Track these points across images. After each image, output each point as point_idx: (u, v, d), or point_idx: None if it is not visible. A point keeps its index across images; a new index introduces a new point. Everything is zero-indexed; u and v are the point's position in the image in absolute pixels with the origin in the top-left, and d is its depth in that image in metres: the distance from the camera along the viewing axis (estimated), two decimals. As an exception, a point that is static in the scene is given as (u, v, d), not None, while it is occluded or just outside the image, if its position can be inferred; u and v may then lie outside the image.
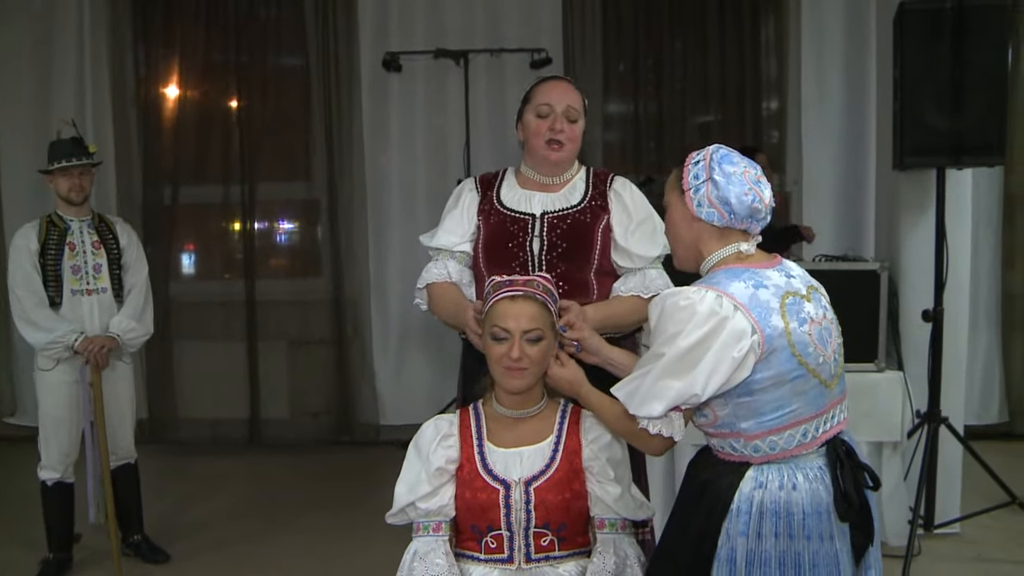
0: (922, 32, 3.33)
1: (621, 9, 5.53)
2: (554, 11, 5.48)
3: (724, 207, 1.71)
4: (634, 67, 5.58)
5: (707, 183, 1.72)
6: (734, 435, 1.68)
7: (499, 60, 5.39)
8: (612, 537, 1.91)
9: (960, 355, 3.83)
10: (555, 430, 1.95)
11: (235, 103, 5.53)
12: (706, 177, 1.73)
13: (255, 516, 4.26)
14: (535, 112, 2.31)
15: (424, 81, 5.47)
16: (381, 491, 4.60)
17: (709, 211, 1.73)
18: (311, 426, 5.54)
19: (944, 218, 3.49)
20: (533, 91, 2.36)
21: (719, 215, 1.72)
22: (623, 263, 2.34)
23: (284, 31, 5.54)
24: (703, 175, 1.74)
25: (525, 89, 2.42)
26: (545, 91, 2.32)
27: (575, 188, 2.38)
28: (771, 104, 5.67)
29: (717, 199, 1.71)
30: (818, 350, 1.67)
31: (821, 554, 1.63)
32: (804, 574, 1.62)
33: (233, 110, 5.55)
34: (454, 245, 2.38)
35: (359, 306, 5.50)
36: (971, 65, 3.30)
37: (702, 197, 1.73)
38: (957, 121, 3.32)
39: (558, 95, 2.31)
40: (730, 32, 5.52)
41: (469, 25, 5.45)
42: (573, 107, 2.31)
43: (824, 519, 1.64)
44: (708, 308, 1.61)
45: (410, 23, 5.44)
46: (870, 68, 5.21)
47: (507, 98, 5.51)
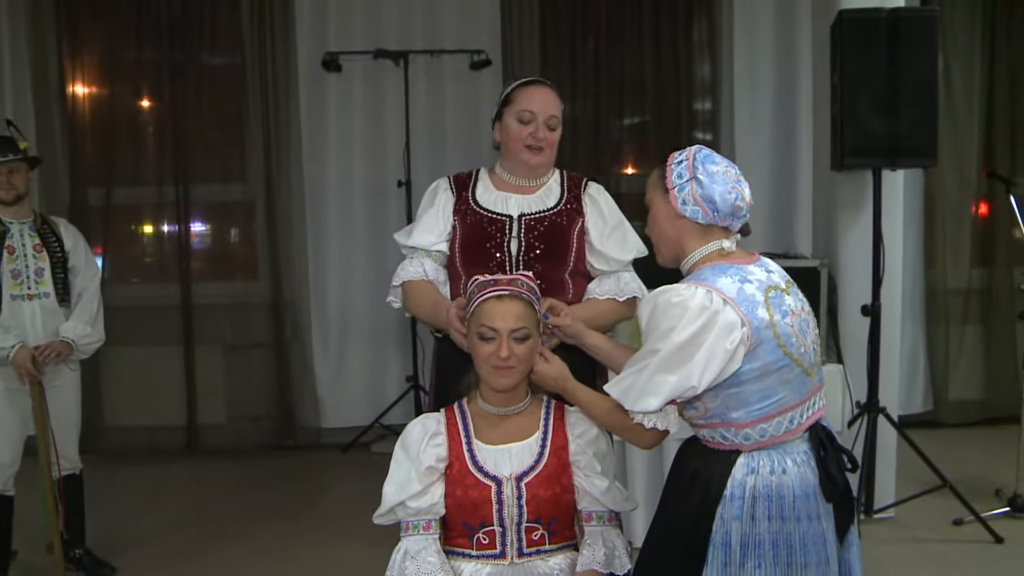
0: (859, 39, 3.48)
1: (558, 10, 5.59)
2: (492, 12, 5.51)
3: (708, 205, 1.77)
4: (572, 68, 5.64)
5: (691, 182, 1.78)
6: (724, 425, 1.73)
7: (438, 61, 5.39)
8: (600, 529, 1.96)
9: (894, 348, 4.01)
10: (541, 426, 1.99)
11: (168, 102, 5.40)
12: (690, 176, 1.78)
13: (200, 525, 4.16)
14: (517, 117, 2.33)
15: (363, 82, 5.44)
16: (326, 494, 4.64)
17: (694, 209, 1.78)
18: (251, 431, 5.45)
19: (880, 217, 3.65)
20: (514, 94, 2.37)
21: (703, 213, 1.78)
22: (598, 265, 2.40)
23: (219, 29, 5.43)
24: (687, 174, 1.79)
25: (504, 90, 2.43)
26: (527, 97, 2.35)
27: (550, 191, 2.42)
28: (704, 105, 5.81)
29: (702, 197, 1.77)
30: (799, 340, 1.74)
31: (810, 534, 1.71)
32: (795, 553, 1.69)
33: (166, 110, 5.41)
34: (431, 244, 2.38)
35: (298, 309, 5.44)
36: (905, 72, 3.47)
37: (687, 195, 1.78)
38: (893, 124, 3.49)
39: (541, 103, 2.34)
40: (664, 34, 5.64)
41: (408, 26, 5.44)
42: (555, 115, 2.36)
43: (812, 500, 1.72)
44: (699, 303, 1.67)
45: (348, 23, 5.40)
46: (801, 71, 5.41)
47: (446, 99, 5.54)
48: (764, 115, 5.62)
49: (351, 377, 5.56)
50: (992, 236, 5.89)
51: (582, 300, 2.39)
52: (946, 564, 3.54)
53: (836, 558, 1.76)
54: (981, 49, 5.67)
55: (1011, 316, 5.75)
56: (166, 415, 5.37)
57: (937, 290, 5.68)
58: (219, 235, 5.72)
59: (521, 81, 2.41)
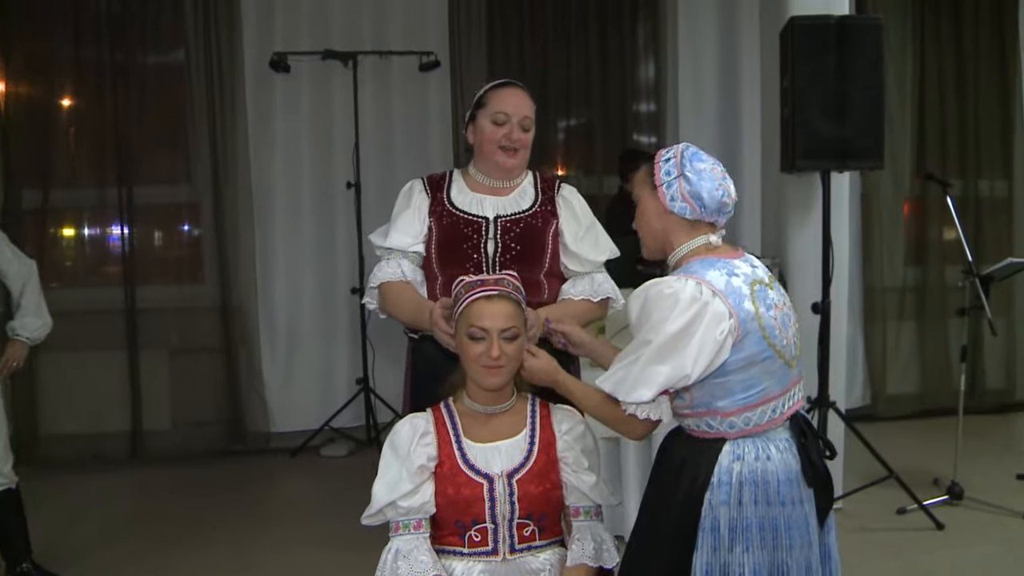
0: (809, 45, 3.59)
1: (506, 12, 5.64)
2: (440, 14, 5.52)
3: (696, 202, 1.82)
4: (519, 70, 5.69)
5: (679, 179, 1.83)
6: (710, 414, 1.78)
7: (387, 62, 5.38)
8: (588, 524, 2.00)
9: (840, 344, 4.14)
10: (528, 423, 2.01)
11: (109, 102, 5.25)
12: (678, 173, 1.83)
13: (151, 533, 4.06)
14: (491, 119, 2.35)
15: (310, 82, 5.41)
16: (278, 498, 4.58)
17: (682, 205, 1.83)
18: (198, 436, 5.35)
19: (830, 217, 3.77)
20: (488, 96, 2.38)
21: (691, 209, 1.83)
22: (572, 267, 2.43)
23: (162, 27, 5.32)
24: (675, 171, 1.84)
25: (477, 93, 2.43)
26: (501, 99, 2.36)
27: (525, 193, 2.44)
28: (649, 106, 5.91)
29: (690, 194, 1.82)
30: (782, 333, 1.81)
31: (794, 518, 1.77)
32: (781, 537, 1.75)
33: (107, 109, 5.26)
34: (408, 246, 2.38)
35: (246, 312, 5.36)
36: (852, 77, 3.59)
37: (675, 192, 1.83)
38: (841, 128, 3.60)
39: (515, 105, 2.36)
40: (610, 35, 5.75)
41: (355, 27, 5.43)
42: (528, 117, 2.38)
43: (795, 486, 1.79)
44: (690, 295, 1.71)
45: (295, 23, 5.36)
46: (744, 72, 5.58)
47: (394, 100, 5.52)
48: (708, 116, 5.75)
49: (300, 380, 5.51)
50: (925, 236, 6.14)
51: (556, 300, 2.41)
52: (894, 551, 3.67)
53: (817, 541, 1.83)
54: (912, 54, 5.91)
55: (943, 313, 6.02)
56: (109, 422, 5.23)
57: (874, 288, 5.90)
58: (164, 237, 5.62)
59: (494, 83, 2.41)
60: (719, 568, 1.74)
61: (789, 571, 1.75)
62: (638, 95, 5.95)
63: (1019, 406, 6.21)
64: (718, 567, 1.74)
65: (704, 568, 1.74)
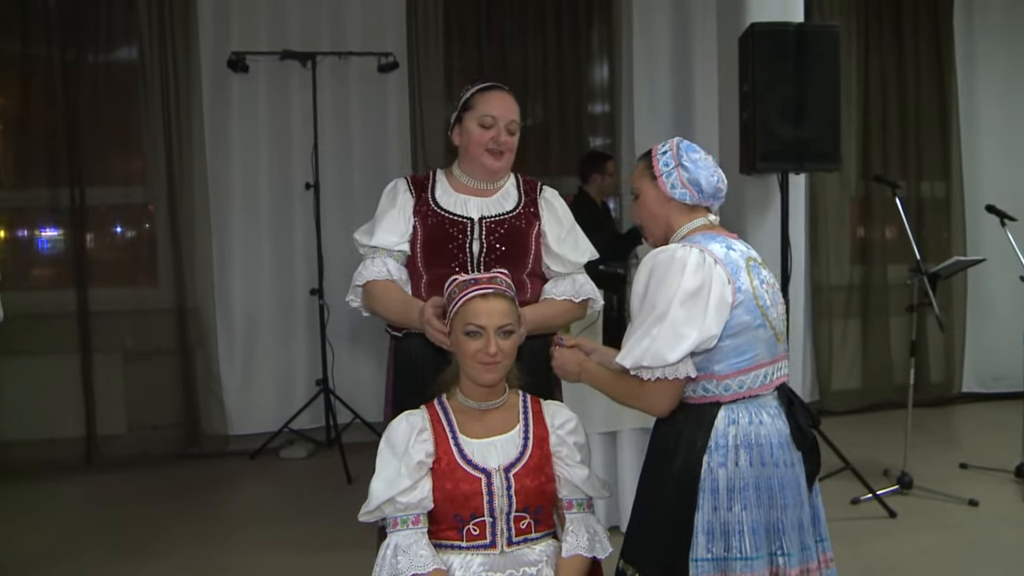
0: (769, 51, 3.70)
1: (463, 14, 5.67)
2: (398, 14, 5.53)
3: (695, 187, 1.97)
4: (477, 71, 5.72)
5: (677, 168, 1.97)
6: (707, 377, 1.88)
7: (345, 63, 5.37)
8: (581, 516, 2.05)
9: (795, 342, 4.28)
10: (521, 419, 2.06)
11: (61, 100, 5.15)
12: (675, 164, 1.98)
13: (111, 540, 3.97)
14: (478, 122, 2.38)
15: (268, 83, 5.37)
16: (239, 501, 4.54)
17: (682, 192, 1.97)
18: (155, 440, 5.28)
19: (788, 217, 3.89)
20: (475, 99, 2.41)
21: (690, 195, 1.97)
22: (554, 267, 2.49)
23: (115, 24, 5.23)
24: (672, 162, 1.98)
25: (463, 94, 2.45)
26: (488, 102, 2.40)
27: (508, 194, 2.49)
28: (605, 108, 6.00)
29: (689, 181, 1.96)
30: (773, 307, 1.95)
31: (787, 479, 1.89)
32: (775, 496, 1.87)
33: (59, 108, 5.15)
34: (394, 244, 2.39)
35: (202, 314, 5.30)
36: (810, 82, 3.71)
37: (675, 180, 1.97)
38: (800, 131, 3.72)
39: (502, 108, 2.40)
40: (566, 37, 5.81)
41: (313, 27, 5.40)
42: (515, 120, 2.43)
43: (786, 449, 1.90)
44: (696, 260, 1.84)
45: (252, 22, 5.32)
46: (697, 74, 5.73)
47: (352, 101, 5.51)
48: (663, 118, 5.86)
49: (258, 382, 5.47)
50: (869, 236, 6.35)
51: (539, 300, 2.46)
52: (852, 539, 3.79)
53: (807, 503, 1.94)
54: (856, 59, 6.12)
55: (886, 311, 6.25)
56: (62, 427, 5.14)
57: (821, 286, 6.09)
58: (117, 239, 5.52)
59: (481, 86, 2.45)
60: (720, 526, 1.84)
61: (784, 528, 1.86)
62: (593, 96, 6.03)
63: (958, 399, 6.48)
64: (719, 525, 1.84)
65: (706, 527, 1.84)
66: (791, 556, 1.85)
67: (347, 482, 4.75)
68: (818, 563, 1.94)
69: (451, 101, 5.72)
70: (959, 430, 5.94)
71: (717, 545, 1.84)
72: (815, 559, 1.93)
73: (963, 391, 6.48)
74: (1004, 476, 4.64)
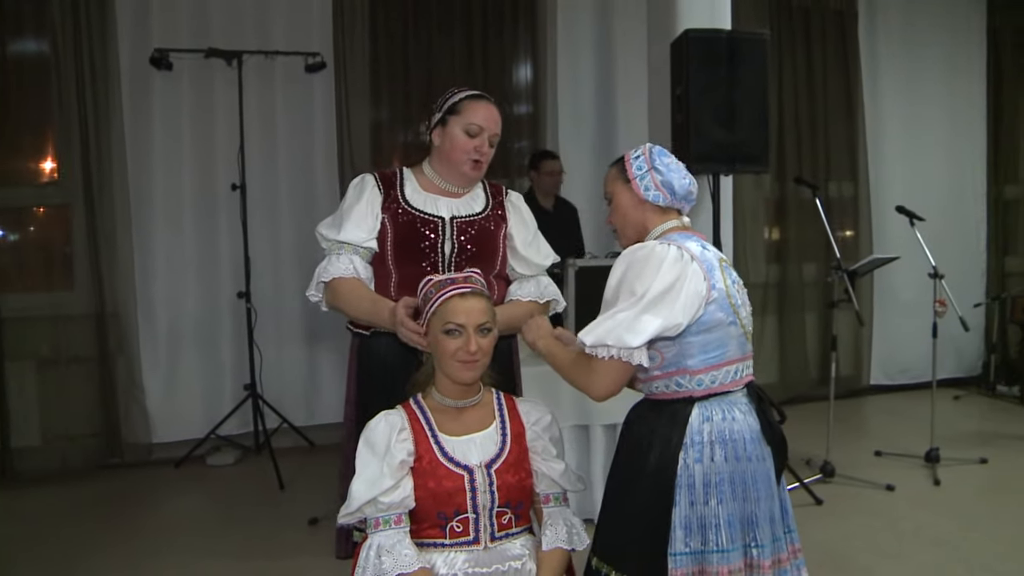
0: (702, 56, 3.80)
1: (390, 14, 5.64)
2: (324, 13, 5.47)
3: (668, 190, 2.04)
4: (404, 71, 5.71)
5: (651, 171, 2.04)
6: (680, 372, 1.94)
7: (269, 62, 5.27)
8: (558, 509, 2.09)
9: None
10: (497, 416, 2.08)
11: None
12: (648, 167, 2.05)
13: (33, 563, 3.75)
14: (464, 129, 2.39)
15: (191, 81, 5.22)
16: (168, 511, 4.41)
17: (655, 194, 2.04)
18: (72, 451, 5.07)
19: (720, 217, 4.02)
20: (464, 105, 2.41)
21: (664, 196, 2.04)
22: (520, 269, 2.53)
23: (24, 15, 4.98)
24: (646, 166, 2.05)
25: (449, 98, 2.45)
26: (476, 111, 2.41)
27: (476, 196, 2.51)
28: (528, 108, 6.06)
29: (662, 184, 2.03)
30: (743, 306, 2.02)
31: (759, 472, 1.95)
32: (748, 489, 1.93)
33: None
34: (362, 241, 2.37)
35: (123, 319, 5.12)
36: (741, 86, 3.84)
37: (648, 183, 2.04)
38: (731, 134, 3.84)
39: (490, 119, 2.42)
40: (492, 38, 5.84)
41: (236, 25, 5.28)
42: (497, 134, 2.45)
43: (757, 443, 1.97)
44: (674, 255, 1.89)
45: (173, 18, 5.17)
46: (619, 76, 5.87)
47: (278, 101, 5.42)
48: (586, 119, 5.95)
49: (183, 388, 5.32)
50: (784, 235, 6.60)
51: (504, 302, 2.49)
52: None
53: (776, 495, 2.01)
54: (772, 62, 6.33)
55: (801, 307, 6.51)
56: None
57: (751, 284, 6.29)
58: (31, 242, 5.26)
59: (470, 93, 2.45)
60: (696, 520, 1.89)
61: (757, 520, 1.92)
62: (518, 97, 6.08)
63: (867, 390, 6.81)
64: (696, 520, 1.89)
65: (683, 522, 1.89)
66: (764, 547, 1.92)
67: (279, 488, 4.67)
68: (788, 553, 2.01)
69: (378, 101, 5.70)
70: (870, 420, 6.23)
71: (694, 539, 1.88)
72: (785, 550, 2.00)
73: (871, 383, 6.81)
74: (915, 461, 4.90)
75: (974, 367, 7.12)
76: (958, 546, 3.74)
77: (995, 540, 3.81)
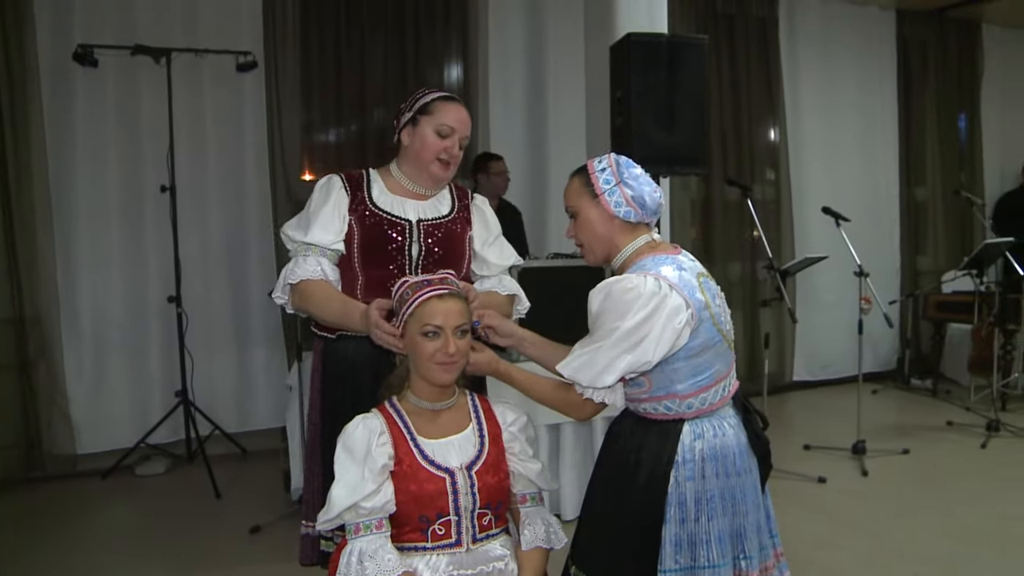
0: (643, 60, 3.86)
1: (322, 13, 5.55)
2: (253, 12, 5.36)
3: (639, 205, 1.96)
4: (336, 70, 5.63)
5: (620, 186, 1.96)
6: (669, 397, 1.92)
7: (196, 61, 5.12)
8: (535, 509, 2.09)
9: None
10: (472, 418, 2.07)
11: None
12: (616, 181, 1.97)
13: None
14: (436, 130, 2.36)
15: (117, 79, 5.04)
16: (98, 524, 4.23)
17: (626, 210, 1.96)
18: (-9, 464, 4.82)
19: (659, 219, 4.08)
20: (435, 106, 2.39)
21: (635, 212, 1.97)
22: (480, 271, 2.54)
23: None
24: (613, 179, 1.97)
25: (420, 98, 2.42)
26: (448, 112, 2.39)
27: (443, 199, 2.49)
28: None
29: (633, 199, 1.96)
30: (725, 318, 1.98)
31: (747, 485, 1.95)
32: (738, 504, 1.93)
33: None
34: (329, 243, 2.33)
35: (45, 324, 4.91)
36: (681, 90, 3.91)
37: (618, 198, 1.96)
38: (671, 136, 3.91)
39: (461, 121, 2.40)
40: (424, 37, 5.82)
41: (163, 22, 5.13)
42: (467, 136, 2.44)
43: (745, 456, 1.97)
44: (651, 289, 1.84)
45: (97, 13, 4.98)
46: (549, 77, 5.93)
47: (207, 101, 5.29)
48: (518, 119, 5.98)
49: (110, 396, 5.14)
50: (710, 235, 6.75)
51: None
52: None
53: (762, 504, 2.02)
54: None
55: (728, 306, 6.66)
56: None
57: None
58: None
59: (441, 94, 2.43)
60: (687, 538, 1.88)
61: (746, 533, 1.93)
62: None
63: (791, 386, 7.02)
64: (686, 537, 1.88)
65: (674, 539, 1.88)
66: (752, 559, 1.93)
67: (215, 496, 4.55)
68: (773, 559, 2.03)
69: (309, 102, 5.60)
70: (796, 415, 6.42)
71: (684, 556, 1.88)
72: (771, 557, 2.02)
73: (794, 379, 7.03)
74: (842, 454, 5.08)
75: (889, 362, 7.42)
76: (891, 534, 3.90)
77: (924, 527, 3.98)
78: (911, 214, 7.71)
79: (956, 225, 7.96)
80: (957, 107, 7.97)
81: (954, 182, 7.80)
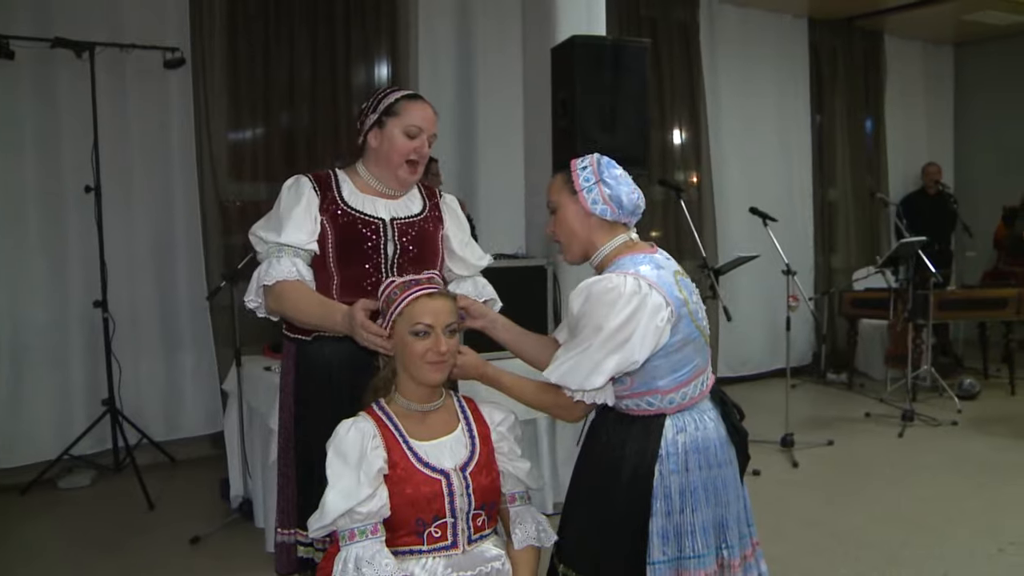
0: (588, 62, 3.91)
1: (249, 10, 5.43)
2: (180, 6, 5.20)
3: (616, 204, 2.01)
4: (264, 68, 5.51)
5: (599, 184, 2.01)
6: (651, 392, 1.96)
7: (124, 56, 4.93)
8: (524, 508, 2.10)
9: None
10: (461, 419, 2.07)
11: None
12: (596, 180, 2.01)
13: None
14: (404, 131, 2.33)
15: (33, 73, 4.80)
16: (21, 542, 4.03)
17: (603, 208, 2.01)
18: None
19: (602, 219, 4.14)
20: (402, 106, 2.36)
21: (611, 211, 2.01)
22: (456, 270, 2.53)
23: None
24: (593, 178, 2.02)
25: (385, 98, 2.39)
26: (414, 111, 2.36)
27: (413, 198, 2.47)
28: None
29: (610, 197, 2.00)
30: (702, 314, 2.04)
31: (729, 476, 2.02)
32: (720, 494, 1.99)
33: None
34: (303, 243, 2.27)
35: (-44, 331, 4.65)
36: (623, 92, 3.98)
37: (596, 196, 2.00)
38: (614, 138, 3.96)
39: (428, 120, 2.38)
40: (355, 35, 5.75)
41: (84, 14, 4.90)
42: (435, 135, 2.42)
43: (726, 448, 2.03)
44: (631, 289, 1.88)
45: (13, 1, 4.72)
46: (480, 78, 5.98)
47: (131, 98, 5.11)
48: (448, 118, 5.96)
49: (29, 407, 4.88)
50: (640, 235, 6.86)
51: None
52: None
53: (741, 494, 2.09)
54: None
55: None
56: None
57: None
58: None
59: (406, 94, 2.40)
60: (673, 530, 1.93)
61: (727, 523, 1.99)
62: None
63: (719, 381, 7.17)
64: (672, 529, 1.93)
65: (661, 532, 1.92)
66: (733, 548, 1.99)
67: (148, 508, 4.40)
68: (752, 548, 2.09)
69: (237, 100, 5.46)
70: (724, 409, 6.58)
71: (671, 547, 1.92)
72: (749, 546, 2.08)
73: (718, 375, 7.19)
74: (772, 447, 5.26)
75: (805, 357, 7.70)
76: (826, 522, 4.06)
77: (856, 514, 4.16)
78: (824, 214, 8.03)
79: (866, 225, 8.34)
80: (864, 112, 8.35)
81: (863, 184, 8.17)
